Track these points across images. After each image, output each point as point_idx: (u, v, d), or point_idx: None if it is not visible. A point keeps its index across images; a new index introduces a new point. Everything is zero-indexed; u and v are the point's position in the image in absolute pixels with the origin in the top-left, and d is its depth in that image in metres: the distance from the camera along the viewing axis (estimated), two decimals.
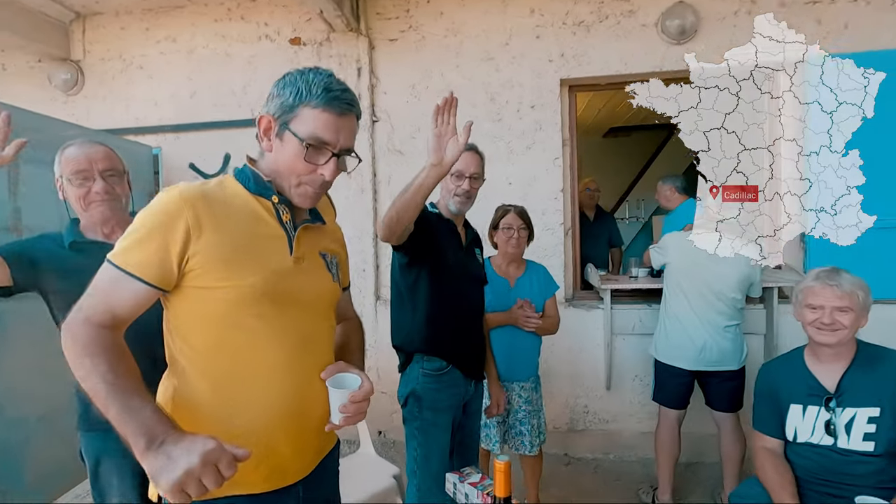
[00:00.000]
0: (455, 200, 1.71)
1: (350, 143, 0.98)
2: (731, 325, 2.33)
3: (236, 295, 0.89)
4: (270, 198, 0.96)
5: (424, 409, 1.68)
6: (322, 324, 1.04)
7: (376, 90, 3.23)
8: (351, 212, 3.23)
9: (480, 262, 1.89)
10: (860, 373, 1.55)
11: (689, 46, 2.88)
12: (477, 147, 1.76)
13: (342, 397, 0.94)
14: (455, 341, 1.71)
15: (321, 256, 1.05)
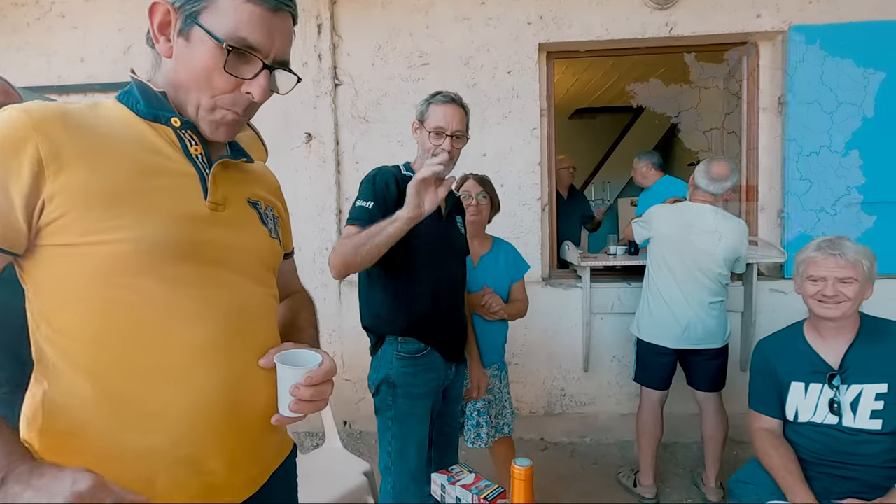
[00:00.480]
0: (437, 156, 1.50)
1: (286, 53, 0.74)
2: (717, 301, 2.24)
3: (122, 253, 0.62)
4: (169, 121, 0.70)
5: (399, 397, 1.49)
6: (259, 292, 0.77)
7: (339, 51, 2.93)
8: (311, 185, 2.94)
9: (462, 231, 1.69)
10: (865, 347, 1.46)
11: (673, 11, 2.74)
12: (461, 99, 1.53)
13: (295, 376, 0.70)
14: (433, 320, 1.51)
15: (251, 205, 0.80)
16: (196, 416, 0.66)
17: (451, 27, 2.87)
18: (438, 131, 1.48)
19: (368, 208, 1.40)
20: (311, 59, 2.90)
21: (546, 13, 2.82)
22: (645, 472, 2.37)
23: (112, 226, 0.61)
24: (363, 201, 1.42)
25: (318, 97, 2.90)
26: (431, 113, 1.49)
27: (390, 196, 1.43)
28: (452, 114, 1.49)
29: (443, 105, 1.49)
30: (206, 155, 0.73)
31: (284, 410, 0.71)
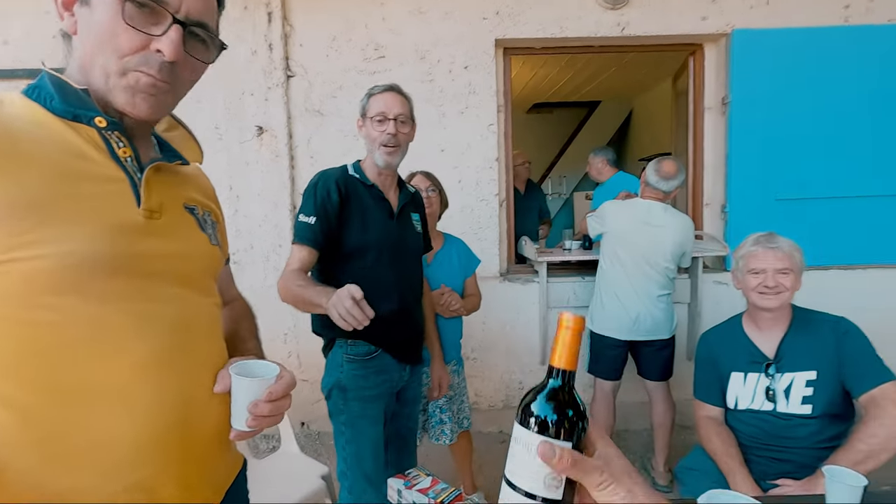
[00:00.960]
0: (382, 151, 1.46)
1: (203, 15, 0.66)
2: (664, 294, 2.34)
3: (46, 269, 0.56)
4: (93, 121, 0.63)
5: (350, 401, 1.48)
6: (203, 303, 0.73)
7: (291, 41, 2.83)
8: (263, 180, 2.84)
9: (418, 229, 1.65)
10: (797, 337, 1.56)
11: (625, 11, 2.81)
12: (399, 87, 1.52)
13: (255, 390, 0.67)
14: (383, 322, 1.40)
15: (188, 211, 0.75)
16: (144, 440, 0.61)
17: (408, 20, 2.82)
18: (381, 117, 1.46)
19: (311, 224, 1.39)
20: (260, 49, 2.78)
21: (502, 9, 2.82)
22: None
23: (29, 240, 0.55)
24: (306, 216, 1.40)
25: (269, 89, 2.80)
26: (372, 103, 1.48)
27: (332, 206, 1.41)
28: (392, 99, 1.48)
29: (381, 93, 1.48)
30: (135, 158, 0.66)
31: (241, 425, 0.68)
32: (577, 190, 6.82)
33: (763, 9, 2.81)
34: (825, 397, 1.48)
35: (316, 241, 1.39)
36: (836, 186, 2.81)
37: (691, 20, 2.82)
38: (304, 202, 1.43)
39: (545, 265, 2.82)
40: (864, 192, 2.81)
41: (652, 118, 6.10)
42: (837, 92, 2.78)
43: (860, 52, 2.77)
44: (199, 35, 0.66)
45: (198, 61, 0.68)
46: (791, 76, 2.80)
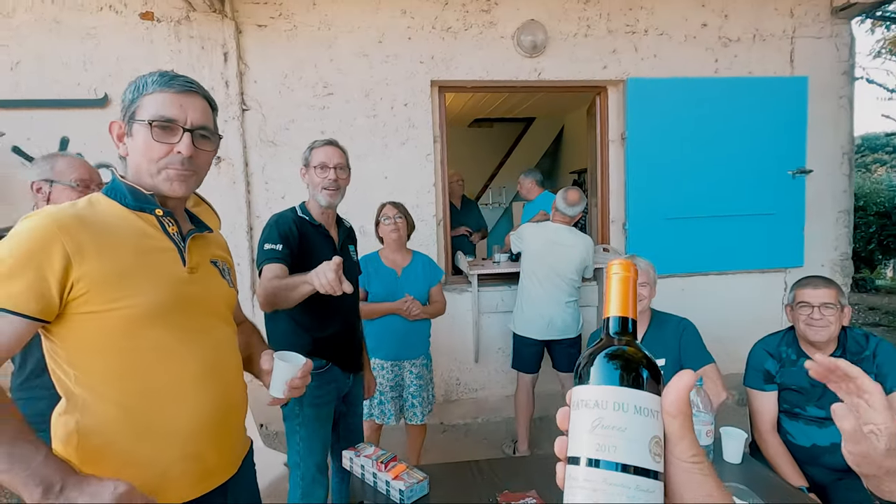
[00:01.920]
0: (324, 194, 1.71)
1: (202, 121, 0.98)
2: (571, 300, 2.84)
3: (134, 313, 0.87)
4: (153, 212, 0.96)
5: (305, 406, 1.73)
6: (227, 330, 1.08)
7: (245, 77, 3.12)
8: (222, 205, 3.08)
9: (355, 258, 1.94)
10: (653, 333, 2.06)
11: (540, 59, 3.30)
12: (337, 141, 1.80)
13: (292, 371, 1.05)
14: (332, 342, 1.76)
15: (213, 264, 1.07)
16: (197, 422, 0.95)
17: (353, 62, 3.18)
18: (322, 166, 1.71)
19: (279, 249, 1.61)
20: (217, 85, 3.05)
21: (437, 54, 3.24)
22: (521, 441, 2.91)
23: (123, 295, 0.87)
24: (273, 244, 1.61)
25: (226, 122, 3.07)
26: (314, 155, 1.73)
27: (294, 238, 1.66)
28: (331, 152, 1.74)
29: (322, 147, 1.75)
30: (179, 231, 1.00)
31: (279, 394, 1.07)
32: (515, 200, 7.35)
33: (652, 60, 3.39)
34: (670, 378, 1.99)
35: (286, 261, 1.60)
36: (710, 207, 3.44)
37: (594, 68, 3.35)
38: (267, 235, 1.65)
39: (476, 277, 3.26)
40: (732, 211, 3.45)
41: (580, 135, 6.74)
42: (710, 130, 3.40)
43: (728, 98, 3.41)
44: (204, 134, 1.00)
45: (206, 151, 1.02)
46: (674, 117, 3.40)
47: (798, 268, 3.56)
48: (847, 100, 3.59)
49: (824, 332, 1.72)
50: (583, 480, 0.36)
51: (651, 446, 0.36)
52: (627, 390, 0.37)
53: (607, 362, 0.39)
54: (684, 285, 3.51)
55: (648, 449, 0.35)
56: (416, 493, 1.34)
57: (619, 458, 0.35)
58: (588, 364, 0.40)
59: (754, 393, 1.89)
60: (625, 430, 0.36)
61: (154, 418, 0.91)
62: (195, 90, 0.98)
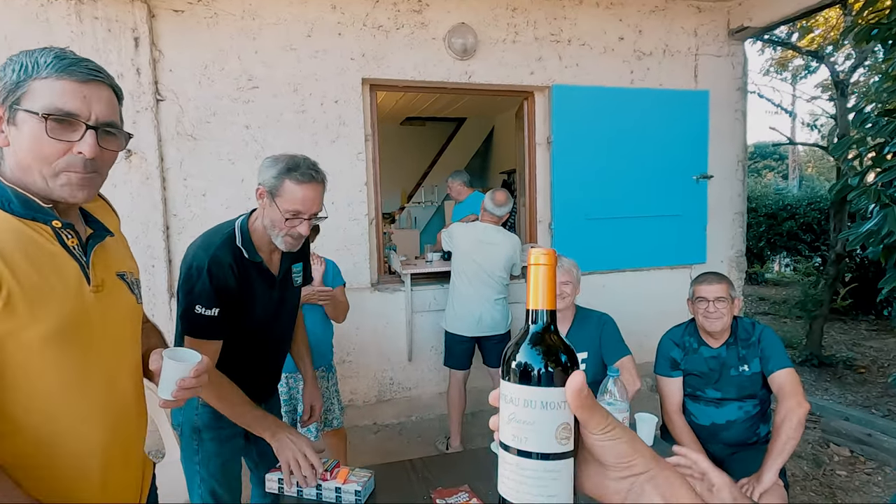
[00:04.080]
0: (285, 241, 1.33)
1: (109, 115, 0.83)
2: (500, 297, 2.93)
3: (31, 340, 0.76)
4: (50, 223, 0.82)
5: (206, 442, 1.42)
6: (135, 353, 0.98)
7: (160, 65, 2.91)
8: (136, 203, 2.88)
9: (298, 281, 1.58)
10: (577, 328, 2.19)
11: (471, 63, 3.37)
12: (321, 172, 1.33)
13: (182, 370, 0.93)
14: (247, 375, 1.40)
15: (120, 278, 0.93)
16: (99, 453, 0.87)
17: (280, 55, 3.07)
18: (295, 214, 1.27)
19: (215, 318, 1.27)
20: (127, 72, 2.82)
21: (368, 52, 3.21)
22: (454, 437, 2.98)
23: (18, 322, 0.76)
24: (205, 308, 1.26)
25: (137, 112, 2.84)
26: (287, 191, 1.26)
27: (230, 295, 1.29)
28: (313, 196, 1.28)
29: (302, 186, 1.26)
30: (81, 244, 0.86)
31: (168, 395, 0.93)
32: (447, 199, 7.45)
33: (574, 69, 3.58)
34: (592, 370, 2.13)
35: (224, 333, 1.31)
36: (625, 208, 3.70)
37: (521, 73, 3.48)
38: (197, 291, 1.26)
39: (409, 276, 3.28)
40: (644, 212, 3.74)
41: (510, 136, 6.95)
42: (626, 137, 3.65)
43: (642, 107, 3.68)
44: (110, 130, 0.87)
45: (111, 151, 0.88)
46: (595, 123, 3.62)
47: (701, 264, 3.92)
48: (741, 113, 4.01)
49: (719, 323, 1.92)
50: (505, 463, 0.43)
51: (558, 433, 0.41)
52: (535, 389, 0.42)
53: (520, 362, 0.43)
54: (604, 282, 3.75)
55: (555, 436, 0.41)
56: (368, 489, 1.33)
57: (529, 447, 0.41)
58: (508, 360, 0.44)
59: (663, 379, 2.07)
60: (533, 424, 0.41)
61: (56, 448, 0.83)
62: (102, 79, 0.83)
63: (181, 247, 3.01)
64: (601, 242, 3.67)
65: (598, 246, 3.66)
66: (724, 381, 1.96)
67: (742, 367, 1.93)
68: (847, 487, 2.62)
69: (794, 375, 1.83)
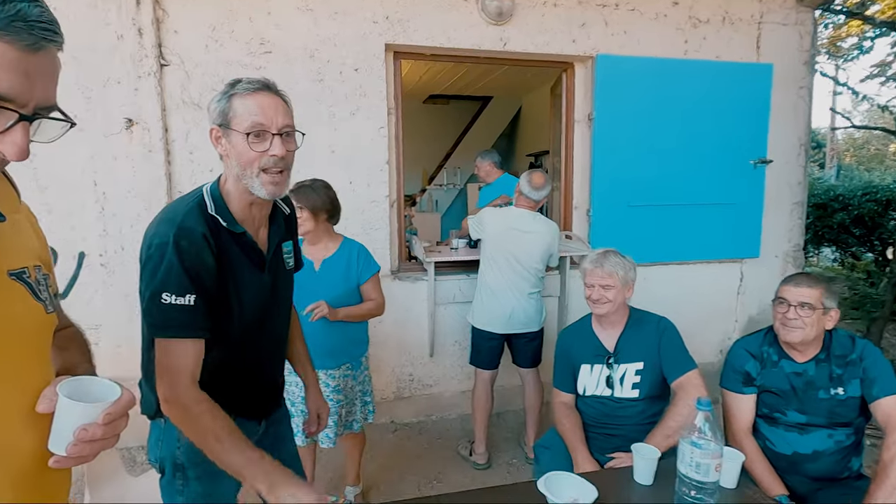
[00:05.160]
0: (265, 180, 1.04)
1: (52, 96, 0.61)
2: (534, 291, 2.63)
3: None
4: None
5: (192, 480, 1.13)
6: (34, 381, 0.65)
7: (164, 27, 2.63)
8: (134, 178, 2.64)
9: (290, 263, 1.28)
10: (631, 334, 1.88)
11: (506, 28, 3.02)
12: (275, 84, 1.07)
13: (87, 414, 0.60)
14: (239, 389, 1.14)
15: (15, 279, 0.65)
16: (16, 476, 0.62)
17: (295, 17, 2.76)
18: (259, 130, 1.02)
19: (191, 307, 0.99)
20: (128, 33, 2.55)
21: (392, 14, 2.87)
22: (479, 442, 2.72)
23: None
24: (175, 295, 0.98)
25: (139, 77, 2.58)
26: (238, 108, 1.03)
27: (209, 275, 1.02)
28: (272, 104, 1.04)
29: (252, 95, 1.03)
30: None
31: (59, 449, 0.62)
32: (470, 181, 7.12)
33: (622, 37, 3.19)
34: (649, 383, 1.82)
35: (204, 328, 1.02)
36: (672, 195, 3.33)
37: (562, 41, 3.11)
38: (162, 274, 0.97)
39: (433, 264, 2.99)
40: (694, 200, 3.36)
41: (538, 116, 6.55)
42: (676, 115, 3.27)
43: (695, 82, 3.28)
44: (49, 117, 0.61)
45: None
46: (642, 99, 3.23)
47: (754, 258, 3.55)
48: (807, 90, 3.57)
49: (797, 334, 1.60)
50: None
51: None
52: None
53: None
54: (645, 275, 3.40)
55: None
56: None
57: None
58: None
59: (731, 395, 1.76)
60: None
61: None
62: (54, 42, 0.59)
63: None
64: (644, 232, 3.32)
65: (640, 236, 3.31)
66: (811, 404, 1.64)
67: (836, 390, 1.61)
68: None
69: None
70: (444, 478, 2.61)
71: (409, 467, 2.69)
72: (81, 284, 2.66)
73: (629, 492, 1.30)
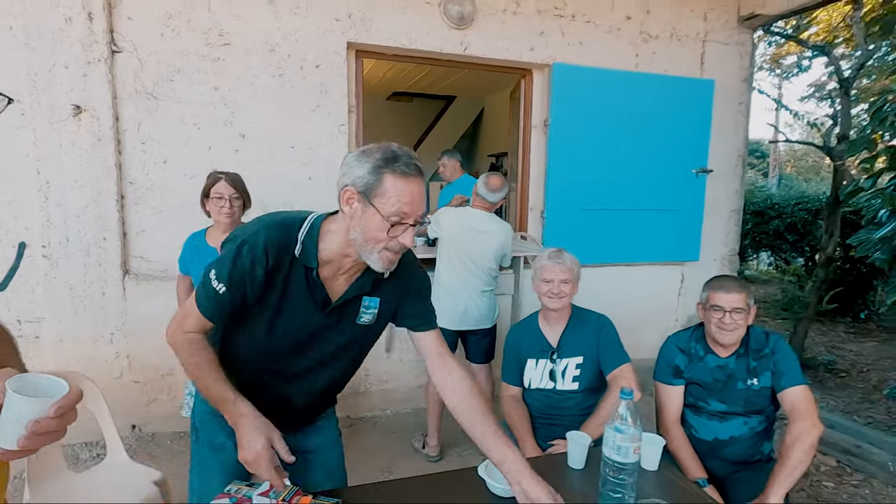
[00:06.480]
0: (382, 258, 1.05)
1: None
2: (487, 290, 2.73)
3: None
4: None
5: (202, 444, 1.30)
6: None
7: (117, 12, 2.56)
8: (83, 166, 2.56)
9: (364, 320, 1.21)
10: (573, 331, 2.00)
11: (467, 33, 3.10)
12: (422, 166, 1.05)
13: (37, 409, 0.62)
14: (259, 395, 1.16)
15: None
16: None
17: (256, 9, 2.74)
18: (401, 217, 1.01)
19: (219, 294, 1.07)
20: (77, 17, 2.47)
21: (354, 13, 2.90)
22: (432, 435, 2.79)
23: None
24: (217, 280, 1.07)
25: (88, 63, 2.50)
26: (390, 189, 0.99)
27: (251, 283, 1.07)
28: (420, 193, 1.03)
29: (408, 180, 1.01)
30: None
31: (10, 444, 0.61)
32: (432, 180, 7.18)
33: (577, 48, 3.34)
34: (587, 376, 1.95)
35: (219, 316, 1.11)
36: (622, 200, 3.52)
37: (521, 48, 3.23)
38: (221, 262, 1.08)
39: None
40: (641, 205, 3.56)
41: (500, 119, 6.69)
42: (626, 124, 3.45)
43: (644, 94, 3.47)
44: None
45: None
46: (595, 107, 3.40)
47: (694, 262, 3.79)
48: (745, 105, 3.84)
49: (733, 336, 1.76)
50: None
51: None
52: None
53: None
54: (594, 276, 3.57)
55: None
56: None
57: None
58: None
59: (663, 387, 1.91)
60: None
61: None
62: None
63: (138, 218, 2.71)
64: (594, 234, 3.49)
65: (590, 238, 3.48)
66: (731, 394, 1.80)
67: (751, 381, 1.78)
68: (834, 500, 2.54)
69: (810, 394, 1.69)
70: (395, 470, 2.67)
71: (362, 460, 2.74)
72: (22, 276, 2.56)
73: (564, 475, 1.41)
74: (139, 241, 2.73)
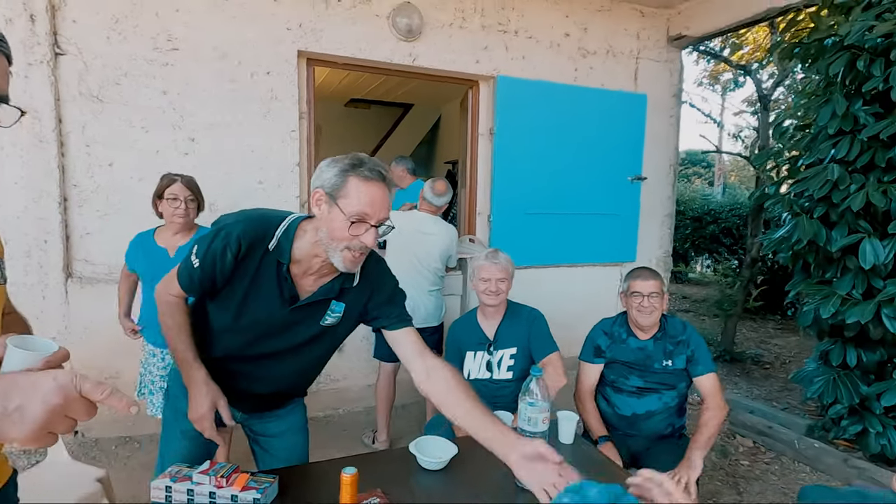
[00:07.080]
0: (344, 257, 1.12)
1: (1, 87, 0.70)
2: (434, 289, 2.86)
3: None
4: None
5: (168, 407, 1.43)
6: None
7: (60, 14, 2.55)
8: (23, 167, 2.53)
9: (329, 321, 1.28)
10: (507, 324, 2.16)
11: (416, 45, 3.25)
12: (391, 179, 1.15)
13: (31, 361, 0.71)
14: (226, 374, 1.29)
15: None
16: None
17: (205, 15, 2.80)
18: (360, 218, 1.08)
19: (193, 268, 1.18)
20: (18, 19, 2.46)
21: (305, 22, 2.99)
22: (381, 431, 2.89)
23: None
24: (195, 257, 1.18)
25: (30, 65, 2.49)
26: (352, 190, 1.08)
27: (223, 268, 1.17)
28: (382, 197, 1.11)
29: (370, 183, 1.09)
30: None
31: None
32: None
33: (521, 62, 3.55)
34: (520, 365, 2.11)
35: (191, 289, 1.24)
36: (563, 205, 3.74)
37: (467, 61, 3.40)
38: (201, 241, 1.19)
39: None
40: (581, 210, 3.80)
41: (455, 126, 6.88)
42: (567, 134, 3.68)
43: (583, 106, 3.72)
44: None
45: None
46: (538, 118, 3.61)
47: (631, 262, 4.05)
48: (675, 119, 4.16)
49: (651, 317, 1.97)
50: None
51: None
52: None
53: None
54: (538, 276, 3.78)
55: None
56: (270, 496, 1.20)
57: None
58: None
59: (584, 364, 2.11)
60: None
61: None
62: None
63: (82, 221, 2.69)
64: (538, 237, 3.69)
65: (534, 240, 3.68)
66: (648, 373, 2.01)
67: (667, 362, 1.99)
68: (749, 476, 2.80)
69: (717, 380, 1.96)
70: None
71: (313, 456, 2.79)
72: None
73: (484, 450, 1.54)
74: (83, 244, 2.71)
